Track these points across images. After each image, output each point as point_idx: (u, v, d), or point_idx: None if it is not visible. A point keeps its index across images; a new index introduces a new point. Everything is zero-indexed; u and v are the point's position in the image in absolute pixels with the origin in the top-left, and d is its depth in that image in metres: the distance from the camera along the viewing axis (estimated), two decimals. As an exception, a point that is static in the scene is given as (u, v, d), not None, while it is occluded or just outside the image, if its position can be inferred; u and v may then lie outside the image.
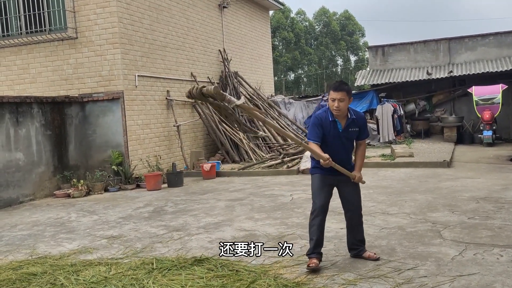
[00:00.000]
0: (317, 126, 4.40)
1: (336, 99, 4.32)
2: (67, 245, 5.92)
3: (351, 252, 4.70)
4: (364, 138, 4.60)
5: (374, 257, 4.56)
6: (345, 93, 4.32)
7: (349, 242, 4.71)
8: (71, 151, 10.72)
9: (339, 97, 4.31)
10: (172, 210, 7.73)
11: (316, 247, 4.43)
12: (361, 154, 4.62)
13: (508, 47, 17.02)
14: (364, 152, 4.66)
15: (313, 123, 4.45)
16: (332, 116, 4.40)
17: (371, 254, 4.60)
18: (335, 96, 4.32)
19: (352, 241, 4.67)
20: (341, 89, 4.33)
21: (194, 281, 4.15)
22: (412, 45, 18.39)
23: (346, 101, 4.35)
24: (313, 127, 4.43)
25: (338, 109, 4.33)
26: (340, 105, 4.32)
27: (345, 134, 4.44)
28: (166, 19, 12.55)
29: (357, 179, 4.51)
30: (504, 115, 15.71)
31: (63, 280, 4.38)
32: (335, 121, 4.41)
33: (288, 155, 12.48)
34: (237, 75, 15.56)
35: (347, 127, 4.43)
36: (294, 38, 43.43)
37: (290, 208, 7.26)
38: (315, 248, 4.43)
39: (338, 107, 4.32)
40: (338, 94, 4.31)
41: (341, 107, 4.33)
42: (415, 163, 11.08)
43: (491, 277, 3.96)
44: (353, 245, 4.67)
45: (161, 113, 12.18)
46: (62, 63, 11.15)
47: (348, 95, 4.35)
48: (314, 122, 4.45)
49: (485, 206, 6.62)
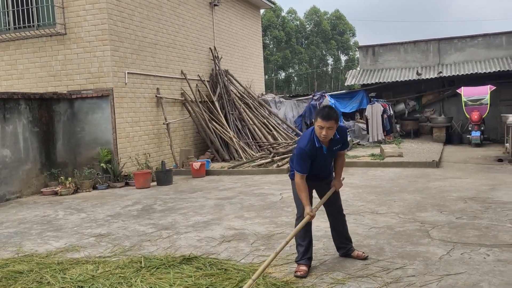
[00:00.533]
0: (305, 159, 4.28)
1: (324, 127, 4.20)
2: (54, 243, 5.86)
3: (340, 251, 4.69)
4: (344, 149, 4.60)
5: (363, 256, 4.57)
6: (334, 122, 4.20)
7: (335, 241, 4.72)
8: (59, 148, 10.62)
9: (327, 125, 4.19)
10: (161, 209, 7.69)
11: (305, 253, 4.36)
12: (340, 164, 4.63)
13: (496, 48, 17.18)
14: (343, 162, 4.67)
15: (301, 156, 4.29)
16: (318, 142, 4.30)
17: (360, 253, 4.60)
18: (324, 125, 4.19)
19: (338, 239, 4.68)
20: (330, 118, 4.18)
21: (182, 279, 4.13)
22: (402, 45, 18.49)
23: (334, 128, 4.25)
24: (301, 160, 4.28)
25: (325, 137, 4.25)
26: (328, 133, 4.23)
27: (329, 154, 4.44)
28: (157, 16, 12.48)
29: (337, 188, 4.57)
30: (492, 116, 15.86)
31: (50, 278, 4.34)
32: (321, 146, 4.34)
33: (278, 154, 12.48)
34: (227, 73, 15.53)
35: (331, 147, 4.41)
36: (285, 37, 43.47)
37: (279, 207, 7.26)
38: (304, 254, 4.36)
39: (326, 135, 4.23)
40: (327, 123, 4.18)
41: (329, 135, 4.25)
42: (404, 163, 11.14)
43: (477, 276, 3.99)
44: (340, 243, 4.67)
45: (151, 111, 12.11)
46: (50, 59, 11.03)
47: (336, 123, 4.24)
48: (302, 156, 4.29)
49: (473, 206, 6.67)
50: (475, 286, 3.79)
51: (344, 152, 4.68)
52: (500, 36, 17.25)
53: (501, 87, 16.28)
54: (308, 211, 4.19)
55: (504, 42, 17.15)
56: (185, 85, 13.61)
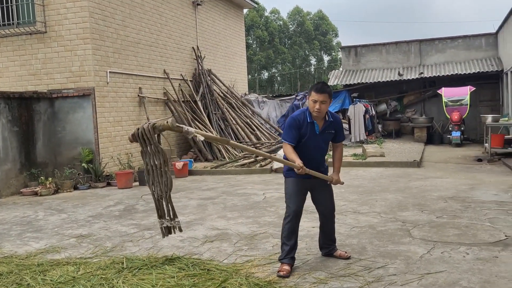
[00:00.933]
0: (294, 128, 4.25)
1: (318, 100, 4.17)
2: (34, 244, 5.77)
3: (323, 250, 4.69)
4: (340, 140, 4.54)
5: (345, 255, 4.57)
6: (327, 96, 4.18)
7: (320, 241, 4.69)
8: (39, 148, 10.46)
9: (321, 99, 4.16)
10: (144, 209, 7.63)
11: (289, 252, 4.31)
12: (338, 157, 4.54)
13: (476, 50, 17.48)
14: (341, 154, 4.57)
15: (290, 124, 4.29)
16: (310, 117, 4.26)
17: (342, 253, 4.60)
18: (317, 98, 4.17)
19: (324, 240, 4.66)
20: (324, 91, 4.17)
21: (165, 280, 4.10)
22: (384, 46, 18.68)
23: (328, 103, 4.21)
24: (289, 129, 4.28)
25: (319, 111, 4.19)
26: (322, 107, 4.18)
27: (321, 136, 4.34)
28: (139, 15, 12.38)
29: (335, 181, 4.47)
30: (472, 116, 16.13)
31: (30, 280, 4.27)
32: (313, 122, 4.28)
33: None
34: (210, 73, 15.48)
35: (324, 129, 4.32)
36: (268, 37, 43.55)
37: (262, 207, 7.26)
38: (289, 253, 4.31)
39: (319, 109, 4.18)
40: (321, 96, 4.16)
41: (322, 110, 4.20)
42: (386, 163, 11.25)
43: (457, 274, 4.05)
44: (324, 244, 4.66)
45: (133, 110, 12.01)
46: (30, 58, 10.86)
47: (330, 98, 4.22)
48: (290, 124, 4.28)
49: (453, 205, 6.77)
50: (455, 284, 3.85)
51: (341, 144, 4.59)
52: (479, 37, 17.56)
53: (480, 88, 16.58)
54: (299, 163, 4.06)
55: (483, 44, 17.45)
56: (167, 85, 13.53)
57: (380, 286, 3.86)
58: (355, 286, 3.89)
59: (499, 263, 4.29)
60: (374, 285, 3.89)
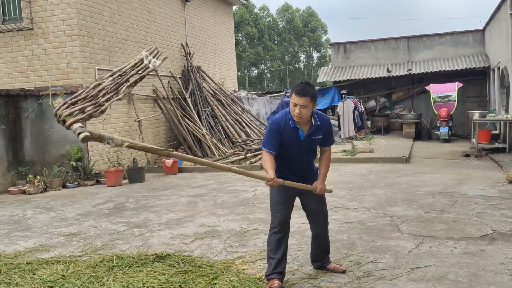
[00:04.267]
0: (275, 133, 3.74)
1: (298, 104, 3.65)
2: (23, 243, 5.73)
3: (314, 263, 4.22)
4: (329, 145, 4.01)
5: (340, 269, 4.11)
6: (309, 99, 3.64)
7: (312, 253, 4.20)
8: (27, 146, 10.36)
9: (301, 103, 3.64)
10: (133, 207, 7.61)
11: (276, 266, 3.80)
12: (325, 163, 4.00)
13: (463, 46, 17.64)
14: (329, 160, 4.03)
15: (270, 128, 3.77)
16: (293, 122, 3.74)
17: (337, 266, 4.15)
18: (297, 102, 3.65)
19: (316, 252, 4.17)
20: (305, 94, 3.64)
21: (155, 278, 4.10)
22: (373, 42, 18.77)
23: (310, 107, 3.68)
24: (270, 134, 3.76)
25: (299, 116, 3.68)
26: (302, 112, 3.66)
27: (307, 143, 3.81)
28: (127, 11, 12.29)
29: (319, 191, 3.89)
30: (460, 112, 16.29)
31: (18, 279, 4.24)
32: (296, 127, 3.76)
33: (251, 150, 12.50)
34: (200, 70, 15.44)
35: (310, 134, 3.80)
36: (258, 34, 43.48)
37: (252, 204, 7.28)
38: (276, 267, 3.80)
39: (299, 114, 3.66)
40: (301, 100, 3.63)
41: (303, 115, 3.67)
42: (375, 159, 11.32)
43: (445, 268, 4.10)
44: (317, 256, 4.18)
45: (122, 108, 11.94)
46: (17, 55, 10.74)
47: (312, 101, 3.68)
48: (271, 128, 3.77)
49: (441, 200, 6.84)
50: (443, 278, 3.89)
51: (330, 149, 4.04)
52: (467, 34, 17.72)
53: (468, 84, 16.75)
54: (271, 175, 3.58)
55: (470, 40, 17.62)
56: (156, 82, 13.47)
57: (370, 281, 3.89)
58: (344, 281, 3.92)
59: (486, 256, 4.35)
60: (363, 280, 3.92)
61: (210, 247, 5.12)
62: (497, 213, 5.93)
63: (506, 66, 12.56)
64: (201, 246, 5.15)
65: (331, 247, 4.72)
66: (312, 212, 4.06)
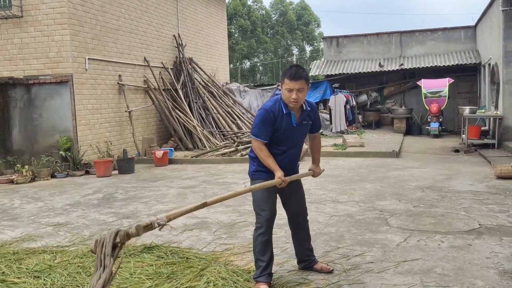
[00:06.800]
0: (268, 121, 3.58)
1: (294, 89, 3.50)
2: (10, 232, 5.68)
3: (301, 264, 4.04)
4: (318, 130, 3.93)
5: (328, 269, 3.95)
6: (304, 82, 3.52)
7: (298, 253, 4.04)
8: (15, 135, 10.25)
9: (297, 86, 3.50)
10: (122, 197, 7.57)
11: (265, 268, 3.65)
12: (317, 148, 3.99)
13: (455, 42, 17.70)
14: (320, 144, 4.03)
15: (263, 118, 3.58)
16: (286, 108, 3.61)
17: (324, 266, 3.98)
18: (293, 86, 3.50)
19: (301, 251, 4.02)
20: (299, 77, 3.49)
21: (143, 268, 4.09)
22: (366, 37, 18.77)
23: (305, 90, 3.57)
24: (262, 123, 3.58)
25: (296, 101, 3.54)
26: (299, 96, 3.52)
27: (299, 128, 3.70)
28: (119, 1, 12.16)
29: (316, 174, 3.95)
30: (450, 108, 16.37)
31: (5, 268, 4.20)
32: (290, 113, 3.63)
33: (242, 143, 12.48)
34: (191, 61, 15.35)
35: (302, 120, 3.70)
36: (251, 26, 43.31)
37: (242, 196, 7.22)
38: (265, 270, 3.65)
39: (296, 99, 3.52)
40: (297, 84, 3.49)
41: (300, 99, 3.55)
42: (365, 153, 11.36)
43: (432, 262, 4.13)
44: (303, 255, 4.02)
45: (113, 98, 11.85)
46: (6, 43, 10.60)
47: (307, 83, 3.58)
48: (264, 117, 3.58)
49: (430, 195, 6.88)
50: (430, 271, 3.92)
51: (319, 133, 4.01)
52: (458, 30, 17.78)
53: (459, 80, 16.82)
54: (280, 175, 3.52)
55: (462, 36, 17.68)
56: (148, 73, 13.38)
57: (357, 274, 3.91)
58: (333, 273, 3.93)
59: (473, 250, 4.39)
60: (351, 273, 3.93)
61: (199, 238, 5.11)
62: (485, 208, 5.98)
63: (496, 63, 12.62)
64: (189, 238, 5.13)
65: (320, 240, 4.75)
66: (293, 209, 3.95)
